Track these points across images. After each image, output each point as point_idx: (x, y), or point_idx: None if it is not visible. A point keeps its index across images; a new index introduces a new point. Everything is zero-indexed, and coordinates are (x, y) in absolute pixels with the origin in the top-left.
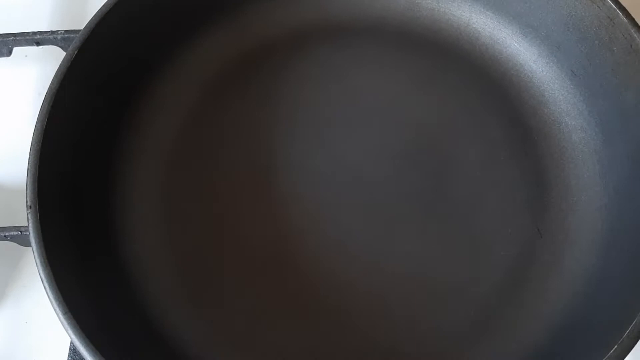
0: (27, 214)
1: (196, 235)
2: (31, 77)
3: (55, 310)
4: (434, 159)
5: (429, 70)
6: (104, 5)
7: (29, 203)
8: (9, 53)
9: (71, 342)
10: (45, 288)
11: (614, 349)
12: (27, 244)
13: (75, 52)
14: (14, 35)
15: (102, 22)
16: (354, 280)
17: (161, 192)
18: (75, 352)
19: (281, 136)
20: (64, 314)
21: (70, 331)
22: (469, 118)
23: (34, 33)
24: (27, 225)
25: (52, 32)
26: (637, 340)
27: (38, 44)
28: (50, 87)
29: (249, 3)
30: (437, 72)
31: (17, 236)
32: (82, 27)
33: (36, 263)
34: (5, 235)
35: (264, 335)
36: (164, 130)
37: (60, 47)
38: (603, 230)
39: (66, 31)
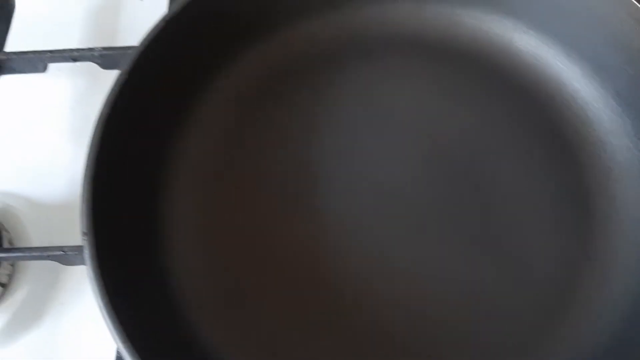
0: (83, 241)
1: (233, 249)
2: (64, 92)
3: (115, 340)
4: (473, 176)
5: (469, 88)
6: (151, 30)
7: (84, 230)
8: (45, 69)
9: None
10: (105, 319)
11: None
12: (69, 262)
13: (125, 77)
14: (51, 51)
15: (150, 47)
16: (390, 298)
17: (201, 208)
18: None
19: (318, 151)
20: (124, 342)
21: None
22: (510, 136)
23: (71, 50)
24: (70, 245)
25: (90, 49)
26: None
27: (75, 60)
28: (101, 112)
29: (285, 20)
30: (477, 89)
31: (59, 256)
32: (115, 44)
33: (94, 292)
34: (47, 255)
35: (297, 349)
36: (205, 147)
37: (97, 63)
38: None
39: (104, 48)
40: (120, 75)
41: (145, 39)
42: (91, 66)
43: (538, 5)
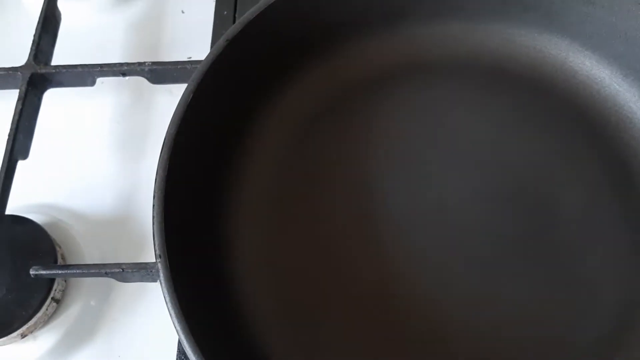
0: (158, 264)
1: (297, 265)
2: (109, 106)
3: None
4: (533, 201)
5: (524, 109)
6: (214, 48)
7: (158, 252)
8: (93, 83)
9: None
10: (182, 342)
11: None
12: (125, 280)
13: (191, 95)
14: (100, 66)
15: (214, 65)
16: (455, 323)
17: (265, 224)
18: None
19: (377, 175)
20: None
21: None
22: (566, 159)
23: (121, 64)
24: (128, 262)
25: (140, 64)
26: None
27: (124, 74)
28: (169, 131)
29: (342, 41)
30: (532, 110)
31: (117, 273)
32: (158, 58)
33: (170, 315)
34: (105, 272)
35: None
36: (266, 164)
37: (146, 78)
38: None
39: (153, 63)
40: (186, 93)
41: (208, 57)
42: (137, 80)
43: (593, 25)
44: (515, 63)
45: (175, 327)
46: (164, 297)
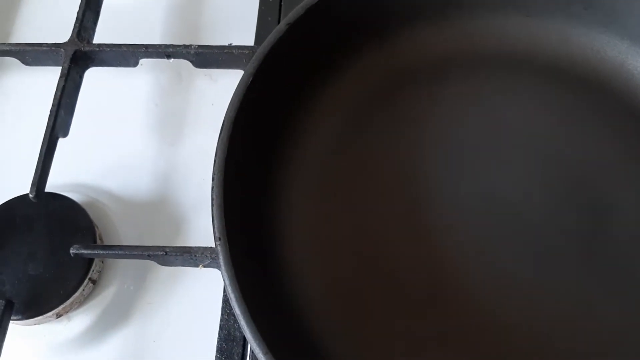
0: (217, 246)
1: (347, 260)
2: (149, 88)
3: (254, 349)
4: (589, 198)
5: (580, 107)
6: (273, 33)
7: (217, 235)
8: (136, 64)
9: None
10: (242, 327)
11: None
12: (166, 263)
13: (250, 78)
14: (145, 46)
15: (273, 49)
16: (509, 317)
17: (315, 214)
18: None
19: (428, 164)
20: (265, 354)
21: None
22: (624, 158)
23: (167, 46)
24: (171, 245)
25: (186, 47)
26: None
27: (169, 56)
28: (228, 115)
29: (397, 30)
30: (588, 109)
31: (160, 256)
32: (198, 41)
33: (230, 299)
34: (148, 255)
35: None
36: (316, 152)
37: (190, 61)
38: None
39: (199, 46)
40: (246, 76)
41: (269, 40)
42: (177, 63)
43: None
44: (572, 62)
45: (235, 311)
46: (224, 280)
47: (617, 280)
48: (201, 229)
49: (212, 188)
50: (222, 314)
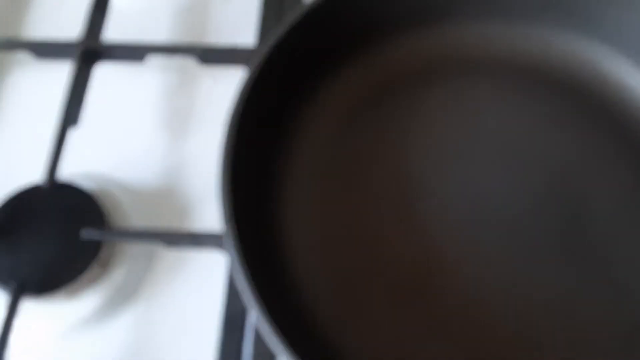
0: (226, 229)
1: (345, 251)
2: (158, 84)
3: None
4: (569, 198)
5: (560, 110)
6: (276, 32)
7: (226, 218)
8: (143, 60)
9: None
10: (248, 302)
11: None
12: (174, 247)
13: (256, 74)
14: (153, 44)
15: (277, 46)
16: (494, 308)
17: (313, 205)
18: None
19: (418, 166)
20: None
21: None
22: (602, 160)
23: (174, 45)
24: (178, 231)
25: (193, 46)
26: None
27: (175, 54)
28: (236, 105)
29: (391, 36)
30: (568, 112)
31: (166, 239)
32: (204, 42)
33: (237, 276)
34: (155, 239)
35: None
36: (314, 154)
37: (197, 59)
38: None
39: (205, 46)
40: (251, 73)
41: (269, 42)
42: (183, 63)
43: (630, 31)
44: (552, 66)
45: (242, 289)
46: (232, 261)
47: (594, 273)
48: (207, 216)
49: (220, 174)
50: (226, 295)
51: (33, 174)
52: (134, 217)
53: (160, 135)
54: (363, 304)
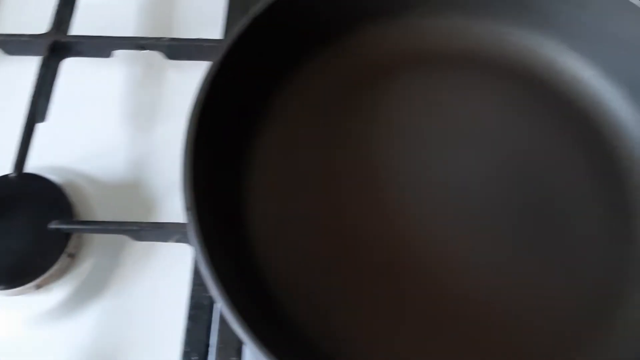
0: (187, 215)
1: (311, 237)
2: (123, 78)
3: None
4: (528, 183)
5: (518, 101)
6: (239, 25)
7: (188, 205)
8: (110, 55)
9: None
10: (211, 289)
11: None
12: (140, 238)
13: (218, 67)
14: (120, 38)
15: (239, 40)
16: (457, 287)
17: (279, 195)
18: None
19: (386, 153)
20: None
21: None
22: (558, 147)
23: (140, 38)
24: (145, 221)
25: (158, 39)
26: None
27: (142, 48)
28: (198, 96)
29: (356, 29)
30: (526, 103)
31: (134, 231)
32: (168, 35)
33: (199, 263)
34: (123, 230)
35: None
36: (278, 145)
37: (163, 53)
38: None
39: (171, 39)
40: (213, 64)
41: (235, 30)
42: (150, 55)
43: (581, 28)
44: (508, 60)
45: (204, 274)
46: (193, 246)
47: (553, 257)
48: (173, 208)
49: (182, 163)
50: (191, 285)
51: (1, 168)
52: (102, 210)
53: (127, 129)
54: (329, 290)
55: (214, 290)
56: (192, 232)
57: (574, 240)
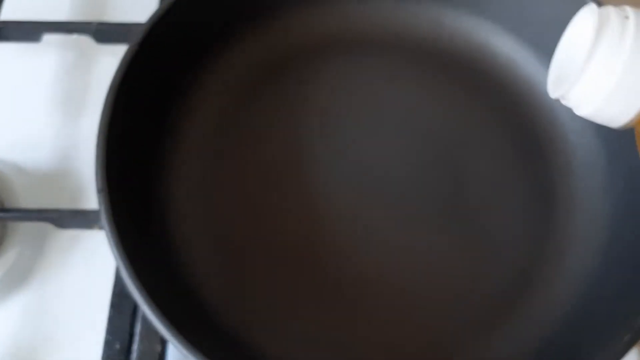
0: (98, 197)
1: (231, 222)
2: (54, 64)
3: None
4: (450, 167)
5: (447, 85)
6: (159, 7)
7: (100, 187)
8: (39, 39)
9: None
10: (121, 271)
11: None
12: (62, 225)
13: (137, 48)
14: (48, 23)
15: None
16: (373, 272)
17: (200, 180)
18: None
19: (307, 138)
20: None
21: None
22: (484, 131)
23: (68, 23)
24: (65, 208)
25: (86, 23)
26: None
27: (71, 32)
28: (114, 79)
29: (282, 11)
30: (454, 87)
31: (55, 218)
32: (103, 19)
33: (110, 245)
34: (44, 217)
35: (287, 317)
36: (201, 129)
37: (92, 37)
38: (603, 239)
39: (100, 23)
40: (132, 46)
41: (152, 17)
42: (82, 40)
43: (513, 10)
44: (441, 42)
45: (115, 258)
46: (105, 228)
47: (469, 239)
48: None
49: (96, 145)
50: (115, 272)
51: None
52: (27, 199)
53: (55, 116)
54: (253, 280)
55: (123, 272)
56: (102, 213)
57: (492, 222)
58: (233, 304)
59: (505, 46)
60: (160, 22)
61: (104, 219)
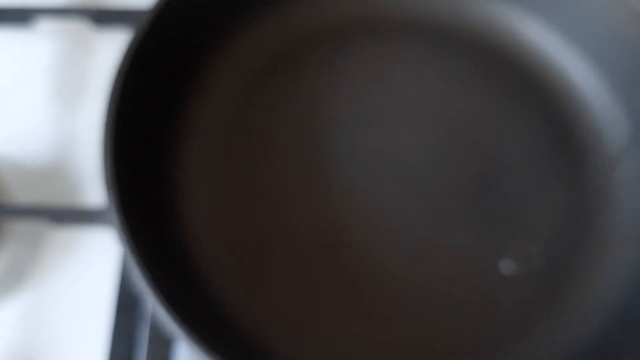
0: (107, 192)
1: (246, 216)
2: (50, 52)
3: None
4: (477, 156)
5: (472, 70)
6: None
7: (108, 180)
8: (33, 26)
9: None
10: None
11: None
12: (61, 222)
13: (142, 36)
14: (43, 8)
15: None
16: (398, 269)
17: (212, 175)
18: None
19: (326, 126)
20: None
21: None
22: (511, 119)
23: (65, 8)
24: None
25: (84, 9)
26: None
27: (67, 19)
28: (119, 68)
29: None
30: (480, 72)
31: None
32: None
33: (121, 241)
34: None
35: (306, 317)
36: (216, 113)
37: (89, 24)
38: None
39: (98, 8)
40: (136, 34)
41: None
42: (78, 28)
43: None
44: (465, 27)
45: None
46: (114, 224)
47: (501, 234)
48: (99, 194)
49: (103, 139)
50: (119, 277)
51: None
52: (22, 195)
53: (51, 106)
54: (267, 279)
55: (135, 270)
56: (112, 209)
57: (524, 217)
58: (248, 302)
59: (532, 31)
60: (168, 7)
61: (113, 216)
